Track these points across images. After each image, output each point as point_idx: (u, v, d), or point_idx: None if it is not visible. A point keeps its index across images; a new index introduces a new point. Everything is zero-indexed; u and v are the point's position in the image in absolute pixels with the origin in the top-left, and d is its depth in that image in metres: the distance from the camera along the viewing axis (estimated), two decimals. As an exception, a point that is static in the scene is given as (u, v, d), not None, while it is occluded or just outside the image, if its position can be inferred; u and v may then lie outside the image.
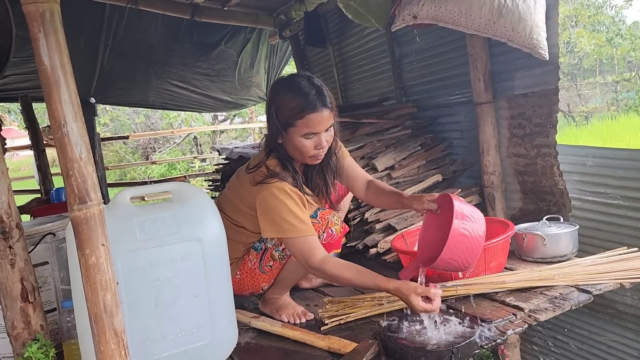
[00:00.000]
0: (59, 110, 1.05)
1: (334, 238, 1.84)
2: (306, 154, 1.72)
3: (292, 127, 1.68)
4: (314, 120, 1.66)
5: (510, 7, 2.02)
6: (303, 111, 1.65)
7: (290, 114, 1.67)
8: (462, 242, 1.57)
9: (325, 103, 1.68)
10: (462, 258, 1.60)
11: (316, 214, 1.82)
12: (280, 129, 1.70)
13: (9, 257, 1.50)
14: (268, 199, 1.68)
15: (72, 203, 1.07)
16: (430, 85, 3.04)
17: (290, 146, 1.74)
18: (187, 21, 4.01)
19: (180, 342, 1.46)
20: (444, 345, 1.43)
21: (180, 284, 1.45)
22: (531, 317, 1.61)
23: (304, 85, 1.68)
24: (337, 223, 1.83)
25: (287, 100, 1.68)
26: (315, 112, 1.65)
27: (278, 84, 1.78)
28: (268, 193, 1.69)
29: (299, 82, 1.70)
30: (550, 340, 2.66)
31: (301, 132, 1.68)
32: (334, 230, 1.81)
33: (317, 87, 1.69)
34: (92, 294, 1.08)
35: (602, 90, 14.19)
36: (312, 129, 1.67)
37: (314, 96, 1.66)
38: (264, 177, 1.72)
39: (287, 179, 1.72)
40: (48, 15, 1.04)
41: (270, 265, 1.84)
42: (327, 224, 1.80)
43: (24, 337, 1.52)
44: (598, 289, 1.73)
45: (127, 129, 12.55)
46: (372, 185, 2.01)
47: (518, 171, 2.47)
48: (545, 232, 2.04)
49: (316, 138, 1.70)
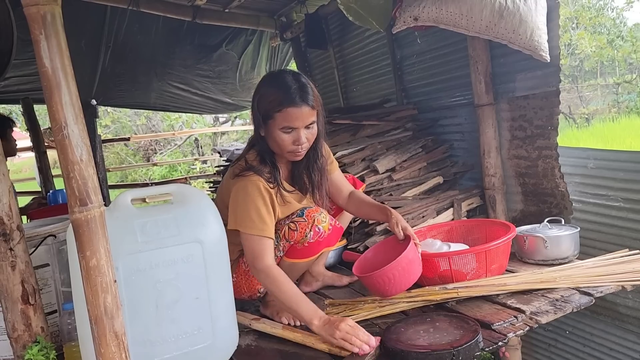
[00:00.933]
0: (59, 112, 1.05)
1: (322, 236, 1.82)
2: (284, 148, 1.74)
3: (271, 119, 1.70)
4: (291, 114, 1.67)
5: (512, 9, 2.02)
6: (281, 104, 1.67)
7: (269, 106, 1.69)
8: (400, 271, 1.75)
9: (305, 99, 1.69)
10: (390, 283, 1.76)
11: (302, 212, 1.82)
12: (260, 120, 1.73)
13: (10, 259, 1.50)
14: (239, 191, 1.71)
15: (72, 205, 1.07)
16: (431, 87, 3.03)
17: (270, 139, 1.76)
18: (188, 23, 4.01)
19: (181, 345, 1.46)
20: (445, 347, 1.43)
21: (181, 286, 1.45)
22: (532, 319, 1.61)
23: (287, 80, 1.70)
24: (325, 220, 1.82)
25: (268, 93, 1.71)
26: (293, 106, 1.67)
27: (264, 78, 1.82)
28: (240, 185, 1.72)
29: (284, 77, 1.72)
30: (552, 342, 2.66)
31: (279, 124, 1.70)
32: (321, 228, 1.80)
33: (300, 83, 1.70)
34: (92, 296, 1.08)
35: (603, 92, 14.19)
36: (290, 123, 1.69)
37: (295, 91, 1.68)
38: (241, 169, 1.75)
39: (263, 174, 1.74)
40: (49, 18, 1.04)
41: None
42: (314, 221, 1.79)
43: (25, 339, 1.52)
44: (599, 291, 1.72)
45: (128, 131, 12.55)
46: (354, 197, 2.06)
47: (519, 173, 2.47)
48: (546, 234, 2.03)
49: (294, 133, 1.71)
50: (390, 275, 1.74)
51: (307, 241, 1.82)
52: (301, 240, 1.81)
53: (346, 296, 2.06)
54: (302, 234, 1.80)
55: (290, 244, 1.83)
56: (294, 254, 1.83)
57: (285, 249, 1.83)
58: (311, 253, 1.89)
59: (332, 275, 2.22)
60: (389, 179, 2.64)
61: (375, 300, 1.86)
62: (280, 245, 1.81)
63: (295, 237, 1.80)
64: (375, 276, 1.76)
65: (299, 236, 1.80)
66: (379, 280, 1.77)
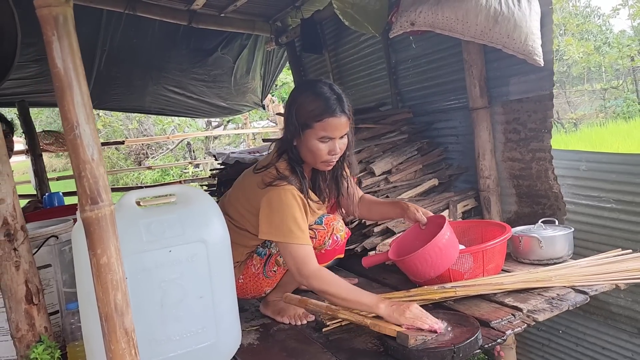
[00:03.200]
0: (71, 112, 1.07)
1: (339, 244, 1.86)
2: (319, 158, 1.74)
3: (310, 128, 1.71)
4: (331, 124, 1.69)
5: (506, 14, 2.07)
6: (322, 114, 1.68)
7: (309, 115, 1.70)
8: (436, 253, 1.76)
9: (344, 110, 1.71)
10: (425, 266, 1.79)
11: (321, 220, 1.84)
12: (298, 129, 1.72)
13: (14, 260, 1.50)
14: (273, 200, 1.70)
15: (84, 204, 1.08)
16: (426, 91, 3.08)
17: (304, 149, 1.75)
18: (184, 27, 4.03)
19: (185, 343, 1.47)
20: (446, 345, 1.46)
21: (186, 285, 1.47)
22: (530, 317, 1.64)
23: (325, 90, 1.72)
24: (342, 229, 1.86)
25: (308, 102, 1.71)
26: (334, 116, 1.68)
27: (301, 87, 1.84)
28: (274, 194, 1.70)
29: (321, 87, 1.74)
30: (545, 342, 2.70)
31: (317, 134, 1.70)
32: (339, 237, 1.84)
33: (338, 94, 1.72)
34: (103, 294, 1.09)
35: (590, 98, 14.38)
36: (329, 133, 1.70)
37: (334, 101, 1.69)
38: (272, 178, 1.73)
39: (295, 184, 1.74)
40: (61, 19, 1.06)
41: (275, 270, 1.86)
42: (333, 230, 1.82)
43: (28, 339, 1.53)
44: (594, 290, 1.77)
45: (119, 135, 12.51)
46: (365, 200, 2.07)
47: (513, 175, 2.51)
48: (541, 235, 2.07)
49: (331, 143, 1.72)
50: (428, 256, 1.76)
51: (324, 248, 1.84)
52: (318, 247, 1.83)
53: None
54: (321, 242, 1.82)
55: None
56: None
57: None
58: (325, 260, 1.92)
59: (331, 276, 2.24)
60: (385, 181, 2.67)
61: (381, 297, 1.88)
62: None
63: (313, 244, 1.80)
64: (414, 257, 1.77)
65: (317, 243, 1.82)
66: (418, 262, 1.78)
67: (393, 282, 2.15)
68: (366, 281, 2.23)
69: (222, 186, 3.73)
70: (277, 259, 1.84)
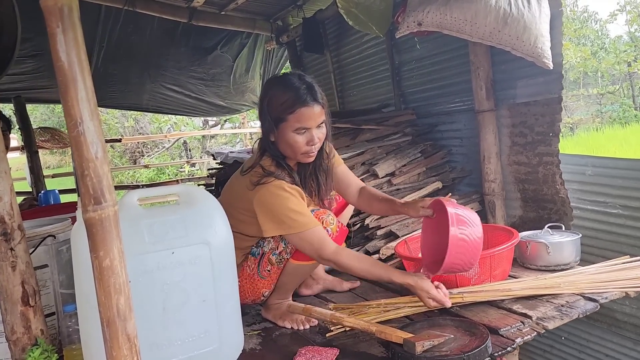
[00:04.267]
0: (75, 108, 1.02)
1: (333, 237, 1.81)
2: (298, 150, 1.73)
3: (284, 121, 1.70)
4: (305, 114, 1.68)
5: (516, 15, 2.04)
6: (294, 105, 1.67)
7: (281, 108, 1.69)
8: (462, 246, 1.64)
9: (316, 98, 1.70)
10: (464, 261, 1.66)
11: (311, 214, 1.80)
12: (272, 124, 1.72)
13: (10, 260, 1.46)
14: (267, 197, 1.69)
15: (86, 204, 1.04)
16: (430, 92, 3.05)
17: (282, 143, 1.74)
18: (184, 25, 3.99)
19: (187, 348, 1.43)
20: (455, 353, 1.42)
21: (188, 288, 1.42)
22: (539, 325, 1.61)
23: (294, 81, 1.71)
24: (333, 222, 1.81)
25: (278, 95, 1.70)
26: (306, 106, 1.68)
27: (270, 81, 1.83)
28: (266, 192, 1.69)
29: (290, 78, 1.74)
30: (548, 349, 2.67)
31: (293, 126, 1.69)
32: (330, 230, 1.79)
33: (308, 83, 1.72)
34: (105, 298, 1.05)
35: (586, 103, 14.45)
36: (304, 123, 1.69)
37: (304, 91, 1.69)
38: (259, 177, 1.72)
39: (284, 178, 1.72)
40: (66, 11, 1.01)
41: (269, 270, 1.82)
42: (322, 223, 1.78)
43: (24, 342, 1.48)
44: (604, 298, 1.73)
45: (115, 133, 12.42)
46: (365, 192, 2.03)
47: (519, 179, 2.48)
48: (548, 240, 2.04)
49: (308, 134, 1.71)
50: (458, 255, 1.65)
51: None
52: None
53: (348, 300, 2.04)
54: None
55: None
56: (302, 256, 1.80)
57: (292, 251, 1.81)
58: None
59: (333, 279, 2.21)
60: (388, 183, 2.64)
61: (379, 305, 1.84)
62: (288, 248, 1.79)
63: None
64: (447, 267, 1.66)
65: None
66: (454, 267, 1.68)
67: (397, 286, 2.10)
68: (370, 285, 2.19)
69: (220, 186, 3.68)
70: (270, 257, 1.81)
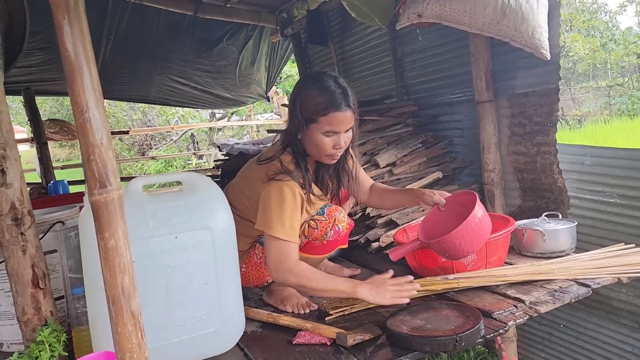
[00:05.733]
0: (81, 96, 1.07)
1: (341, 235, 1.87)
2: (324, 152, 1.74)
3: (315, 122, 1.70)
4: (337, 118, 1.68)
5: (514, 7, 2.07)
6: (328, 108, 1.67)
7: (314, 110, 1.69)
8: (471, 231, 1.71)
9: (349, 104, 1.70)
10: (462, 244, 1.73)
11: (323, 210, 1.84)
12: (302, 123, 1.72)
13: (21, 244, 1.52)
14: (274, 193, 1.71)
15: (92, 187, 1.09)
16: (432, 84, 3.08)
17: (308, 142, 1.75)
18: (190, 17, 4.03)
19: (189, 329, 1.49)
20: (448, 334, 1.47)
21: (191, 272, 1.48)
22: (532, 309, 1.65)
23: (330, 84, 1.71)
24: (344, 220, 1.86)
25: (312, 96, 1.70)
26: (339, 110, 1.68)
27: (306, 80, 1.81)
28: (274, 188, 1.71)
29: (326, 79, 1.72)
30: (546, 336, 2.71)
31: (322, 129, 1.70)
32: (341, 227, 1.84)
33: (343, 88, 1.71)
34: (110, 277, 1.10)
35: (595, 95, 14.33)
36: (334, 127, 1.69)
37: (340, 95, 1.69)
38: (276, 172, 1.73)
39: (298, 179, 1.74)
40: (72, 3, 1.06)
41: None
42: (335, 221, 1.82)
43: (34, 323, 1.54)
44: (597, 283, 1.77)
45: (123, 126, 12.52)
46: (375, 188, 2.06)
47: (518, 169, 2.52)
48: (544, 228, 2.08)
49: (335, 137, 1.72)
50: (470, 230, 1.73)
51: (326, 239, 1.85)
52: (321, 238, 1.83)
53: (348, 287, 2.09)
54: (323, 232, 1.83)
55: (309, 240, 1.85)
56: (311, 250, 1.85)
57: (302, 244, 1.85)
58: (327, 250, 1.93)
59: (334, 266, 2.26)
60: (389, 173, 2.68)
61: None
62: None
63: (315, 235, 1.82)
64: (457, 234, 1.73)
65: (319, 234, 1.83)
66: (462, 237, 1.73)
67: (397, 273, 2.13)
68: (368, 272, 2.23)
69: (225, 177, 3.74)
70: None
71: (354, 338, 1.52)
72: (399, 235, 2.17)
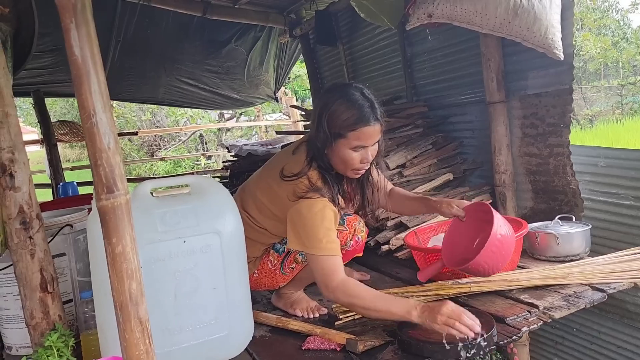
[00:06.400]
0: (88, 100, 1.06)
1: (359, 245, 1.85)
2: (350, 167, 1.68)
3: (343, 138, 1.63)
4: (366, 133, 1.62)
5: (526, 6, 2.03)
6: (357, 123, 1.60)
7: (343, 125, 1.62)
8: (496, 248, 1.62)
9: (378, 117, 1.64)
10: (489, 264, 1.65)
11: (343, 220, 1.81)
12: (330, 138, 1.64)
13: (29, 248, 1.51)
14: (305, 212, 1.63)
15: (99, 192, 1.08)
16: (442, 84, 3.05)
17: (335, 157, 1.68)
18: (198, 19, 4.03)
19: (198, 334, 1.47)
20: (460, 341, 1.44)
21: (200, 276, 1.47)
22: (546, 314, 1.62)
23: (358, 97, 1.64)
24: (363, 230, 1.84)
25: (340, 111, 1.62)
26: (368, 125, 1.61)
27: (331, 92, 1.72)
28: (307, 206, 1.64)
29: (353, 93, 1.65)
30: (559, 340, 2.67)
31: (351, 144, 1.63)
32: (360, 237, 1.82)
33: (371, 100, 1.65)
34: (118, 283, 1.09)
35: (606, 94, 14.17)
36: (363, 142, 1.63)
37: (368, 109, 1.62)
38: (305, 190, 1.66)
39: (328, 195, 1.67)
40: (80, 6, 1.05)
41: (292, 267, 1.84)
42: (355, 231, 1.80)
43: (43, 327, 1.54)
44: (612, 288, 1.73)
45: (132, 126, 12.58)
46: (395, 193, 2.01)
47: (530, 171, 2.48)
48: (558, 231, 2.04)
49: (363, 151, 1.65)
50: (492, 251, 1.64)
51: (345, 249, 1.82)
52: (340, 248, 1.81)
53: (358, 290, 2.06)
54: (343, 242, 1.80)
55: None
56: None
57: None
58: (344, 260, 1.89)
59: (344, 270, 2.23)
60: (399, 175, 2.65)
61: (388, 293, 1.86)
62: None
63: None
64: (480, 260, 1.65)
65: (339, 244, 1.80)
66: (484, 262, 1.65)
67: (406, 276, 2.13)
68: (379, 275, 2.21)
69: (234, 178, 3.73)
70: (296, 257, 1.82)
71: (364, 344, 1.50)
72: (410, 238, 2.14)
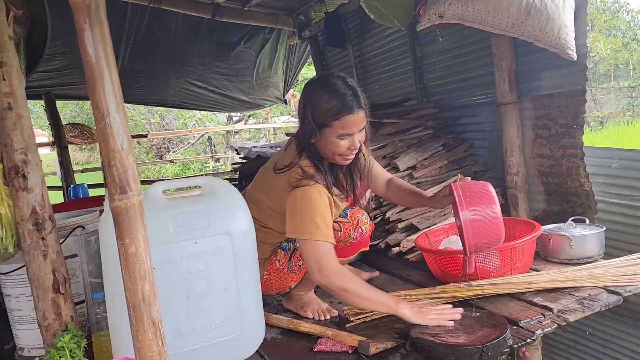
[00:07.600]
0: (102, 101, 1.06)
1: (364, 237, 1.84)
2: (338, 154, 1.71)
3: (328, 127, 1.67)
4: (350, 121, 1.65)
5: (539, 6, 2.01)
6: (340, 112, 1.64)
7: (326, 115, 1.66)
8: (479, 226, 1.64)
9: (361, 104, 1.67)
10: (487, 238, 1.67)
11: (346, 212, 1.81)
12: (315, 128, 1.69)
13: (42, 249, 1.52)
14: (302, 199, 1.67)
15: (113, 193, 1.08)
16: (452, 85, 3.03)
17: (322, 146, 1.73)
18: (207, 21, 4.04)
19: (209, 336, 1.47)
20: (474, 343, 1.42)
21: (211, 277, 1.46)
22: (560, 317, 1.60)
23: (340, 86, 1.67)
24: (367, 222, 1.83)
25: (323, 101, 1.67)
26: (351, 113, 1.65)
27: (313, 84, 1.76)
28: (303, 193, 1.67)
29: (335, 82, 1.69)
30: (572, 344, 2.64)
31: (336, 132, 1.67)
32: (364, 229, 1.81)
33: (353, 88, 1.68)
34: (130, 284, 1.09)
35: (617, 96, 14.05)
36: (348, 130, 1.67)
37: (351, 97, 1.66)
38: (298, 179, 1.70)
39: (321, 182, 1.71)
40: (94, 7, 1.05)
41: (300, 265, 1.84)
42: (358, 222, 1.80)
43: (55, 327, 1.54)
44: (628, 291, 1.71)
45: (141, 129, 12.64)
46: (393, 184, 2.04)
47: (542, 172, 2.45)
48: (571, 233, 2.02)
49: (350, 139, 1.69)
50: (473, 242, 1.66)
51: (349, 241, 1.83)
52: (344, 239, 1.81)
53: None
54: (346, 234, 1.81)
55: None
56: (335, 252, 1.82)
57: None
58: (351, 253, 1.90)
59: (353, 270, 2.23)
60: (409, 177, 2.64)
61: (399, 295, 1.85)
62: None
63: (338, 237, 1.79)
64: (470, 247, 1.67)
65: (343, 236, 1.80)
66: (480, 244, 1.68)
67: (418, 279, 2.12)
68: (390, 278, 2.20)
69: (243, 180, 3.73)
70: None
71: (376, 346, 1.49)
72: (421, 240, 2.13)
